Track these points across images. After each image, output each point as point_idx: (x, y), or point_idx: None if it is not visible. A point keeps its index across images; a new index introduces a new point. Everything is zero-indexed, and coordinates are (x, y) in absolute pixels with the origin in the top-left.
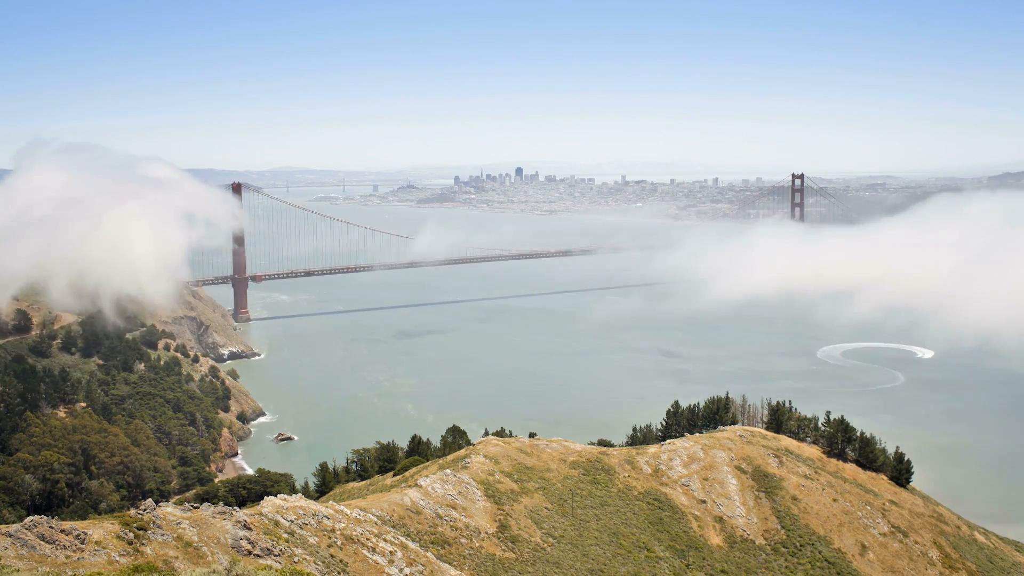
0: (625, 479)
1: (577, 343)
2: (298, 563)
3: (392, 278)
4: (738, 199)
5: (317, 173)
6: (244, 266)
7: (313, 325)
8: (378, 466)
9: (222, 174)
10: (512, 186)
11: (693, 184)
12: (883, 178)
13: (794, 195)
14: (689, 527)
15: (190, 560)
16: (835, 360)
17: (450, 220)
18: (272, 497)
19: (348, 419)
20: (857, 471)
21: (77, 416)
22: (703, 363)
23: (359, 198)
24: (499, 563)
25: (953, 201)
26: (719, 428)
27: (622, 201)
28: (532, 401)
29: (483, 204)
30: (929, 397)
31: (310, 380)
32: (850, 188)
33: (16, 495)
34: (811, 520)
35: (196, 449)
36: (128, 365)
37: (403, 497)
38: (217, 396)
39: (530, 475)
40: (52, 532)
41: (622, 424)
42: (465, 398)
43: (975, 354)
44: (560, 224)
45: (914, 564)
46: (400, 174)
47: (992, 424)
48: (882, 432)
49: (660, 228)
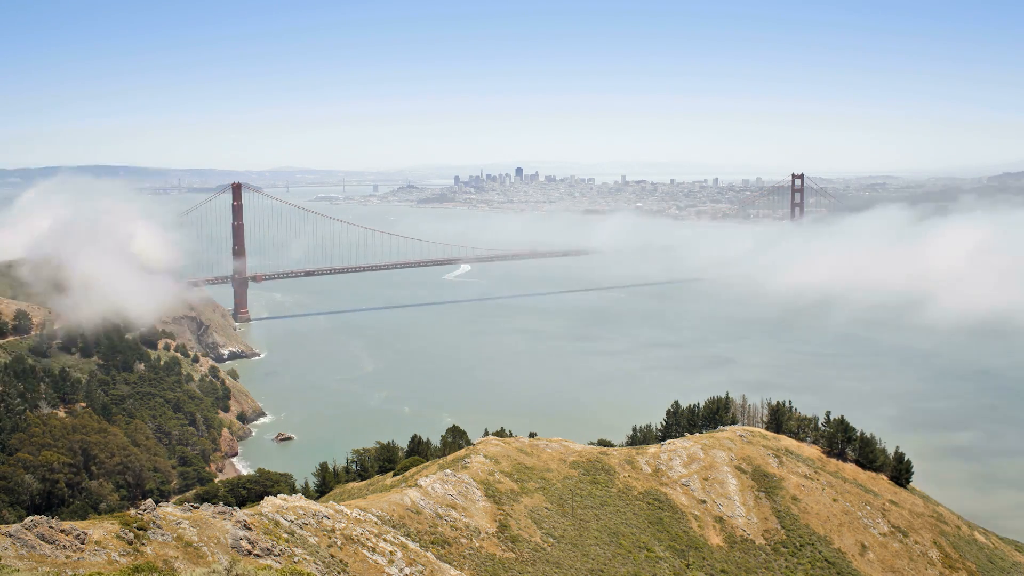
0: (625, 479)
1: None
2: (298, 563)
3: (393, 278)
4: (738, 199)
5: (317, 173)
6: (244, 266)
7: (313, 325)
8: (378, 466)
9: (222, 174)
10: (512, 186)
11: (693, 184)
12: (883, 178)
13: (794, 195)
14: (689, 527)
15: (190, 560)
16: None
17: (450, 219)
18: (272, 497)
19: (348, 419)
20: (857, 471)
21: (77, 416)
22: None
23: (359, 198)
24: (499, 563)
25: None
26: (719, 428)
27: (622, 201)
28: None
29: (483, 204)
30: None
31: (310, 380)
32: (850, 188)
33: (16, 495)
34: (811, 520)
35: (196, 449)
36: (128, 365)
37: (403, 497)
38: (217, 396)
39: (530, 475)
40: (52, 532)
41: (622, 424)
42: (493, 399)
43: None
44: (562, 224)
45: (914, 564)
46: (400, 174)
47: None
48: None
49: (671, 228)
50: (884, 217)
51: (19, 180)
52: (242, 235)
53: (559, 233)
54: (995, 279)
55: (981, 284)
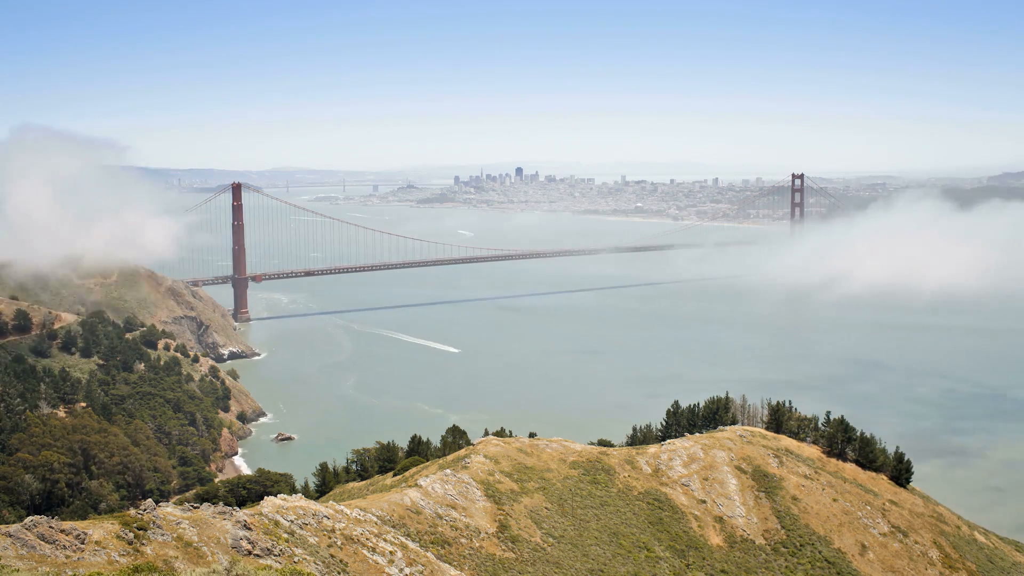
0: (625, 479)
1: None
2: (298, 563)
3: (392, 278)
4: (738, 199)
5: (317, 173)
6: (244, 266)
7: (313, 325)
8: (378, 466)
9: (222, 174)
10: (512, 186)
11: (693, 184)
12: (883, 178)
13: (794, 195)
14: (689, 527)
15: (190, 560)
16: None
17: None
18: (272, 497)
19: (348, 419)
20: (857, 471)
21: (77, 416)
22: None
23: (359, 198)
24: (499, 563)
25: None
26: (719, 428)
27: (622, 201)
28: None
29: (483, 204)
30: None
31: (310, 380)
32: (850, 188)
33: (16, 495)
34: (811, 520)
35: (196, 449)
36: (128, 365)
37: (403, 497)
38: (217, 396)
39: (530, 475)
40: (52, 532)
41: (622, 424)
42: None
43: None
44: (563, 225)
45: (914, 564)
46: (400, 174)
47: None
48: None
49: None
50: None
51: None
52: (242, 235)
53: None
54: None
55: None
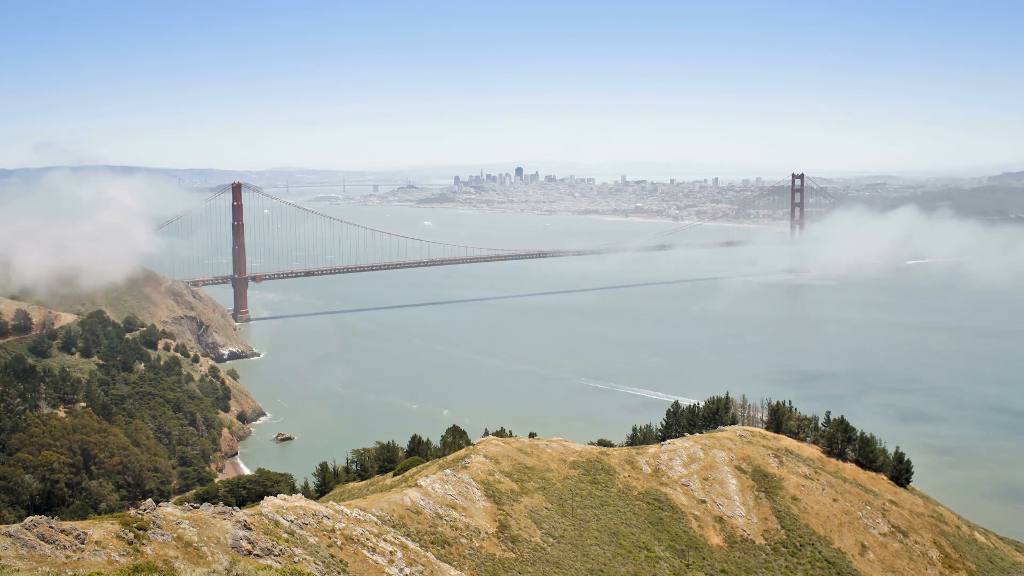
0: (625, 479)
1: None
2: (298, 563)
3: (392, 278)
4: (738, 199)
5: (317, 173)
6: (244, 266)
7: (313, 325)
8: (378, 466)
9: (222, 174)
10: (512, 186)
11: (693, 184)
12: (883, 178)
13: (794, 195)
14: (689, 527)
15: (190, 560)
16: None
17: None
18: (272, 497)
19: (348, 419)
20: (857, 471)
21: (77, 416)
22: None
23: (359, 198)
24: (499, 563)
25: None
26: (719, 428)
27: (622, 201)
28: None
29: (483, 204)
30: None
31: (310, 380)
32: (850, 188)
33: (16, 495)
34: (811, 520)
35: (196, 449)
36: (128, 365)
37: (403, 497)
38: (217, 396)
39: (530, 475)
40: (52, 532)
41: (621, 424)
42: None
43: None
44: (566, 225)
45: (914, 564)
46: (400, 174)
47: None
48: None
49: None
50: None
51: (19, 180)
52: (242, 235)
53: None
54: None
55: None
